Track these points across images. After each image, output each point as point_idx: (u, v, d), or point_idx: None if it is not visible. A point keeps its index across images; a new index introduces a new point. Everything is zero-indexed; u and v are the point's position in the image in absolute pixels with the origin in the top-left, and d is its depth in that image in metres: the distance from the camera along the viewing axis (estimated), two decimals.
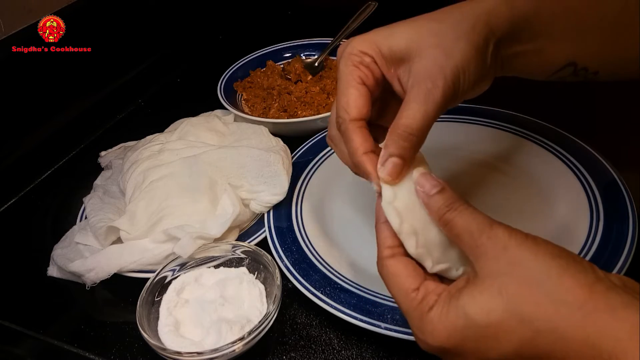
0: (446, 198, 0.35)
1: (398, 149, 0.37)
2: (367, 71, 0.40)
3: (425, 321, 0.33)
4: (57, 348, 0.50)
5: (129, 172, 0.59)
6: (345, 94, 0.40)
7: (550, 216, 0.53)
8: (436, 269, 0.36)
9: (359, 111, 0.40)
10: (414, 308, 0.34)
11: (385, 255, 0.37)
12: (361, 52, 0.40)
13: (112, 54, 0.83)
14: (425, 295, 0.34)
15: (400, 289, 0.35)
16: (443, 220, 0.35)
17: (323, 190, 0.61)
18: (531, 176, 0.58)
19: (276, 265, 0.49)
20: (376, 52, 0.40)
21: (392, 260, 0.36)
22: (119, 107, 0.84)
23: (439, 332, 0.32)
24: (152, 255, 0.52)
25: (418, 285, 0.35)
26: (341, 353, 0.46)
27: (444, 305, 0.33)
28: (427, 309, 0.33)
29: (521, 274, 0.31)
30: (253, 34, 1.02)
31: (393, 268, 0.36)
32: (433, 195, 0.35)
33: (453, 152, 0.62)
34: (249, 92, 0.78)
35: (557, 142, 0.60)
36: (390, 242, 0.37)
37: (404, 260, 0.36)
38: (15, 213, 0.67)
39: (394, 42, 0.40)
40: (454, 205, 0.34)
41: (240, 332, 0.45)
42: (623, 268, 0.45)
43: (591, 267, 0.31)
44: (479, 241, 0.33)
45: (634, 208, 0.50)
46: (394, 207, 0.36)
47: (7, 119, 0.70)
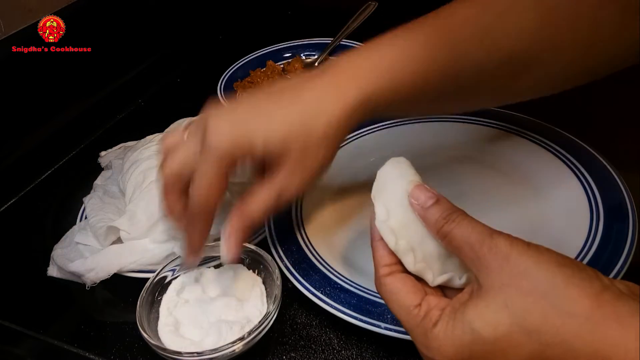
0: (443, 210, 0.34)
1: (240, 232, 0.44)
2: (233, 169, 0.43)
3: (431, 338, 0.32)
4: (57, 348, 0.50)
5: (129, 172, 0.59)
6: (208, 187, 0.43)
7: (550, 216, 0.53)
8: (438, 281, 0.35)
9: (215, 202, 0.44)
10: (417, 325, 0.33)
11: (382, 274, 0.36)
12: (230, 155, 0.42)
13: (112, 54, 0.83)
14: (427, 310, 0.34)
15: (401, 307, 0.35)
16: (441, 233, 0.34)
17: (323, 190, 0.61)
18: (530, 176, 0.58)
19: (276, 265, 0.49)
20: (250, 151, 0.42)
21: (390, 278, 0.36)
22: (119, 107, 0.84)
23: (446, 348, 0.32)
24: (152, 255, 0.52)
25: (419, 301, 0.34)
26: (341, 353, 0.46)
27: (449, 321, 0.32)
28: (431, 325, 0.33)
29: (526, 284, 0.30)
30: (253, 34, 1.02)
31: (391, 286, 0.35)
32: (429, 207, 0.35)
33: (451, 152, 0.62)
34: (249, 92, 0.78)
35: (557, 142, 0.59)
36: (387, 260, 0.36)
37: (402, 277, 0.36)
38: (15, 213, 0.67)
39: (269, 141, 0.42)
40: (451, 217, 0.34)
41: (240, 332, 0.45)
42: (623, 268, 0.45)
43: (596, 274, 0.30)
44: (480, 253, 0.32)
45: (634, 208, 0.50)
46: (388, 225, 0.36)
47: (7, 119, 0.70)
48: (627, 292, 0.29)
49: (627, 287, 0.30)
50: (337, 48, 0.84)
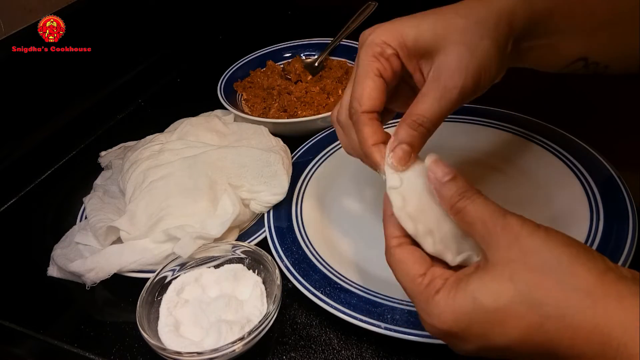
0: (459, 186, 0.35)
1: (408, 137, 0.38)
2: (387, 64, 0.41)
3: (432, 304, 0.33)
4: (57, 348, 0.50)
5: (129, 172, 0.59)
6: (362, 84, 0.41)
7: (550, 216, 0.53)
8: (458, 260, 0.36)
9: (373, 103, 0.41)
10: (420, 292, 0.34)
11: (392, 245, 0.37)
12: (384, 43, 0.41)
13: (112, 54, 0.83)
14: (431, 279, 0.34)
15: (407, 275, 0.36)
16: (455, 209, 0.35)
17: (323, 190, 0.61)
18: (530, 176, 0.58)
19: (276, 265, 0.49)
20: (400, 44, 0.40)
21: (399, 248, 0.37)
22: (119, 107, 0.84)
23: (446, 314, 0.32)
24: (152, 255, 0.52)
25: (425, 271, 0.35)
26: (341, 353, 0.46)
27: (450, 289, 0.33)
28: (433, 292, 0.33)
29: (533, 261, 0.31)
30: (253, 34, 1.02)
31: (399, 255, 0.36)
32: (445, 182, 0.35)
33: (452, 152, 0.62)
34: (249, 92, 0.78)
35: (557, 142, 0.60)
36: (397, 233, 0.37)
37: (410, 248, 0.37)
38: (15, 213, 0.67)
39: (420, 34, 0.40)
40: (466, 194, 0.35)
41: (240, 332, 0.45)
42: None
43: (601, 257, 0.31)
44: (492, 230, 0.33)
45: (634, 208, 0.50)
46: (406, 212, 0.37)
47: (7, 119, 0.70)
48: (631, 277, 0.30)
49: (632, 273, 0.30)
50: (337, 48, 0.84)
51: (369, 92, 0.40)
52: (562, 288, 0.29)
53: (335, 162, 0.64)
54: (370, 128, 0.40)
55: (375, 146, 0.40)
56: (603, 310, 0.28)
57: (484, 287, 0.31)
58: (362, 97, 0.40)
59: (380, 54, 0.41)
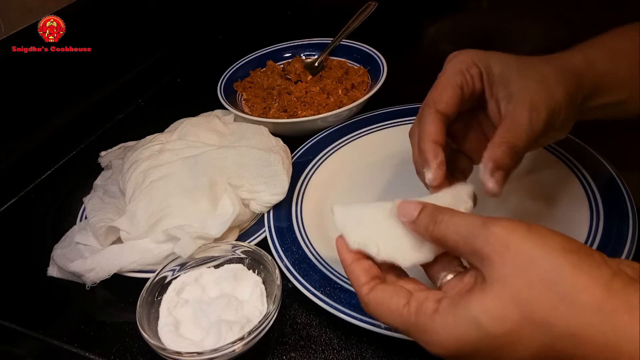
0: (428, 214, 0.35)
1: (507, 163, 0.39)
2: (470, 80, 0.43)
3: (430, 333, 0.32)
4: (57, 348, 0.50)
5: (129, 172, 0.59)
6: (442, 90, 0.43)
7: (550, 216, 0.53)
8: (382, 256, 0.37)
9: (447, 106, 0.42)
10: (412, 323, 0.33)
11: (364, 293, 0.36)
12: (472, 62, 0.43)
13: (112, 54, 0.83)
14: (418, 305, 0.33)
15: (390, 312, 0.34)
16: (434, 238, 0.34)
17: (323, 190, 0.61)
18: (530, 176, 0.58)
19: (276, 265, 0.49)
20: (486, 68, 0.43)
21: (371, 294, 0.36)
22: (119, 107, 0.84)
23: (449, 342, 0.31)
24: (152, 255, 0.52)
25: (406, 300, 0.34)
26: (341, 353, 0.46)
27: (448, 314, 0.31)
28: (427, 318, 0.32)
29: (531, 274, 0.29)
30: (253, 34, 1.02)
31: (375, 299, 0.35)
32: (416, 218, 0.35)
33: None
34: (249, 92, 0.78)
35: (557, 142, 0.59)
36: (364, 279, 0.36)
37: (382, 287, 0.36)
38: (15, 213, 0.67)
39: (506, 66, 0.42)
40: (437, 218, 0.34)
41: (240, 332, 0.45)
42: None
43: (603, 259, 0.30)
44: (476, 245, 0.31)
45: (634, 208, 0.50)
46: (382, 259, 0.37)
47: (7, 119, 0.70)
48: (635, 277, 0.29)
49: (634, 269, 0.30)
50: (337, 48, 0.84)
51: (448, 96, 0.42)
52: (568, 305, 0.28)
53: (336, 162, 0.64)
54: (435, 125, 0.42)
55: (433, 144, 0.41)
56: (614, 326, 0.28)
57: (486, 312, 0.30)
58: (440, 98, 0.42)
59: (467, 70, 0.43)
